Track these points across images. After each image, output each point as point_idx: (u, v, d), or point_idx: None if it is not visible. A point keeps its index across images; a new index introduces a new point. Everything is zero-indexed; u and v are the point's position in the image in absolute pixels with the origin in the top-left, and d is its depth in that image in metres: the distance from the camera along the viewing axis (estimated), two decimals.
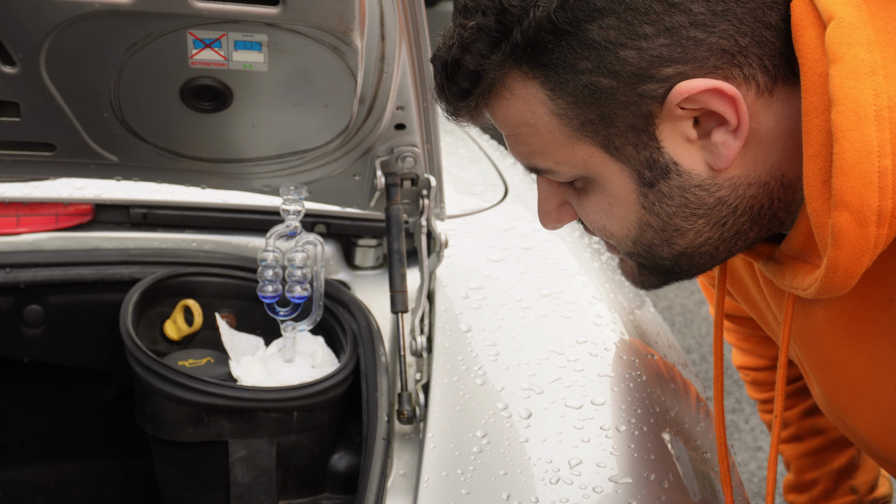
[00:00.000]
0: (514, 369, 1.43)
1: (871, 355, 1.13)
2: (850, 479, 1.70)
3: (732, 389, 3.73)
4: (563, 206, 1.16)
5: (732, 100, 1.00)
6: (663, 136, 1.03)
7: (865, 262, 0.98)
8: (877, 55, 0.95)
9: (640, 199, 1.07)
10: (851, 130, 0.94)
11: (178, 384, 1.47)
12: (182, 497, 1.58)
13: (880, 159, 0.94)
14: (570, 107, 1.03)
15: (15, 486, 1.96)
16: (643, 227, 1.09)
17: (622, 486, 1.25)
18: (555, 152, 1.07)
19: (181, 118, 1.47)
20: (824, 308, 1.14)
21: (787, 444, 1.73)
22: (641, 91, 1.00)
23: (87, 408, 1.94)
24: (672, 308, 4.32)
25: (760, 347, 1.68)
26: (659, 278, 1.17)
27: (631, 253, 1.14)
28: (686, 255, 1.11)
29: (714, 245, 1.10)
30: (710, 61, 0.99)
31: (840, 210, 0.96)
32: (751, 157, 1.04)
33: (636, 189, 1.07)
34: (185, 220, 1.78)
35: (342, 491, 1.55)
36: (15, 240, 1.73)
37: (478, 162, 2.17)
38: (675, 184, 1.05)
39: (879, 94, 0.94)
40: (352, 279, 1.78)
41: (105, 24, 1.30)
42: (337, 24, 1.29)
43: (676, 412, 1.44)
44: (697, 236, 1.09)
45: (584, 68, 1.00)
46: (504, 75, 1.04)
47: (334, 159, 1.58)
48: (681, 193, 1.05)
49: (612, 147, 1.05)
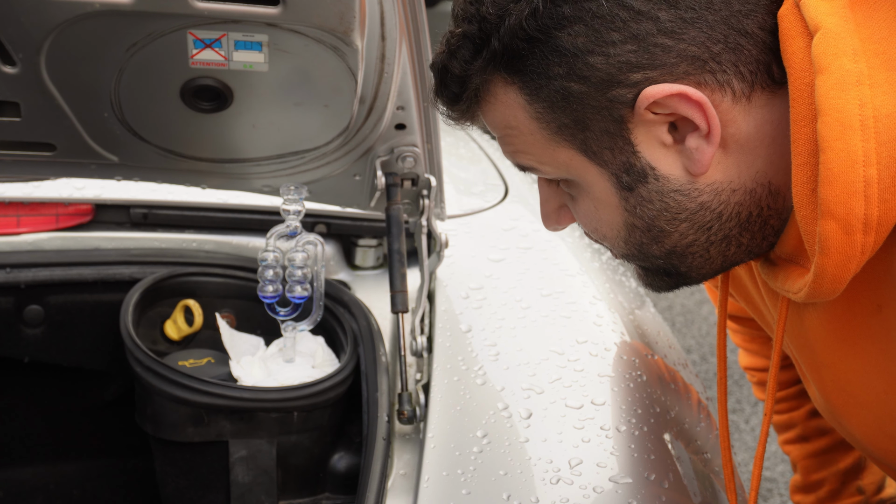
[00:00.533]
0: (514, 369, 1.43)
1: (861, 360, 1.13)
2: (857, 480, 1.70)
3: (733, 390, 3.73)
4: (562, 209, 1.19)
5: (699, 104, 1.01)
6: (638, 141, 1.04)
7: (853, 269, 0.99)
8: (862, 65, 0.96)
9: (621, 203, 1.09)
10: (837, 140, 0.95)
11: (178, 384, 1.47)
12: (182, 497, 1.58)
13: (865, 169, 0.95)
14: (546, 111, 1.05)
15: (15, 486, 1.96)
16: (630, 228, 1.11)
17: (622, 486, 1.25)
18: (538, 153, 1.10)
19: (181, 118, 1.47)
20: (817, 312, 1.15)
21: (793, 444, 1.73)
22: (611, 96, 1.02)
23: (88, 408, 1.94)
24: (672, 308, 4.32)
25: (766, 348, 1.69)
26: (664, 280, 1.18)
27: (626, 255, 1.16)
28: (676, 254, 1.12)
29: (703, 247, 1.11)
30: (679, 67, 1.00)
31: (827, 219, 0.96)
32: (733, 162, 1.05)
33: (616, 192, 1.08)
34: (185, 220, 1.78)
35: (342, 491, 1.55)
36: (15, 240, 1.73)
37: (478, 162, 2.18)
38: (654, 188, 1.06)
39: (865, 105, 0.95)
40: (352, 279, 1.78)
41: (105, 24, 1.30)
42: (337, 24, 1.29)
43: (677, 412, 1.44)
44: (682, 238, 1.10)
45: (555, 74, 1.02)
46: (487, 80, 1.07)
47: (335, 159, 1.58)
48: (660, 198, 1.07)
49: (590, 151, 1.06)
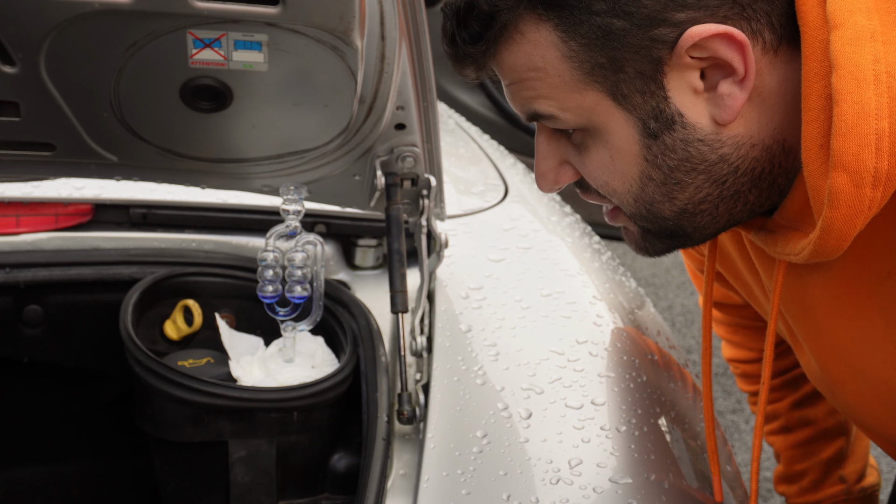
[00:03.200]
0: (514, 369, 1.43)
1: (863, 327, 1.15)
2: (839, 469, 1.71)
3: (732, 389, 3.73)
4: (563, 167, 1.17)
5: (741, 47, 1.02)
6: (671, 86, 1.05)
7: (859, 225, 1.01)
8: (876, 22, 0.98)
9: (642, 151, 1.08)
10: (851, 93, 0.97)
11: (177, 384, 1.46)
12: (182, 497, 1.58)
13: (878, 122, 0.97)
14: (582, 49, 1.04)
15: (15, 486, 1.96)
16: (645, 180, 1.10)
17: (622, 486, 1.25)
18: (561, 98, 1.09)
19: (181, 118, 1.47)
20: (822, 276, 1.16)
21: (776, 435, 1.75)
22: (654, 35, 1.02)
23: (87, 408, 1.94)
24: (672, 308, 4.32)
25: (750, 340, 1.70)
26: (663, 243, 1.18)
27: (633, 214, 1.15)
28: (687, 213, 1.12)
29: (713, 203, 1.11)
30: (721, 10, 1.01)
31: (838, 171, 0.98)
32: (755, 116, 1.06)
33: (640, 140, 1.08)
34: (184, 219, 1.78)
35: (342, 491, 1.55)
36: (15, 240, 1.73)
37: (478, 162, 2.17)
38: (679, 136, 1.06)
39: (878, 60, 0.97)
40: (352, 279, 1.78)
41: (105, 24, 1.30)
42: (337, 23, 1.29)
43: (677, 413, 1.44)
44: (697, 192, 1.10)
45: (598, 9, 1.02)
46: (517, 17, 1.05)
47: (334, 159, 1.58)
48: (684, 147, 1.07)
49: (620, 94, 1.06)
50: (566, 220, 1.92)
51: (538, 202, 1.98)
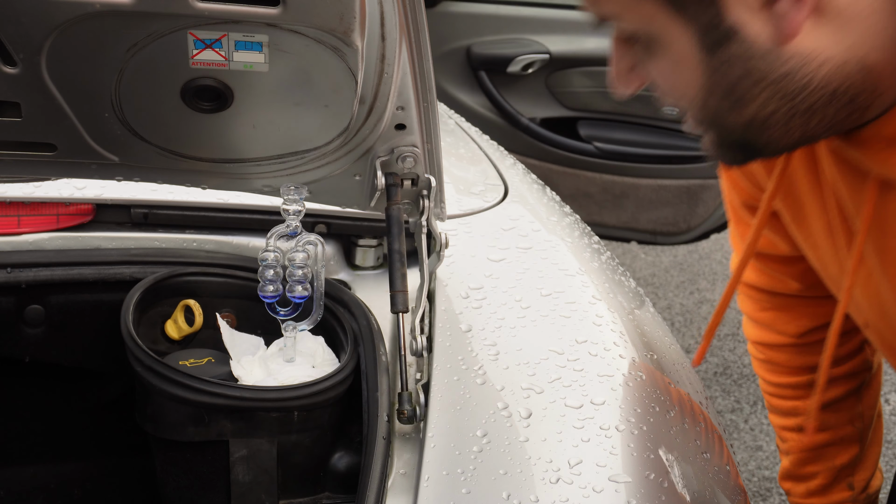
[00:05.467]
0: (514, 369, 1.44)
1: None
2: (850, 477, 1.70)
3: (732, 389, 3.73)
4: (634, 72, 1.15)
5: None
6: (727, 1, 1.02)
7: None
8: None
9: (702, 64, 1.06)
10: None
11: (178, 384, 1.47)
12: (183, 497, 1.58)
13: None
14: None
15: (15, 486, 1.96)
16: (707, 92, 1.08)
17: (622, 485, 1.25)
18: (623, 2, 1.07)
19: (182, 118, 1.47)
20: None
21: (793, 432, 1.72)
22: None
23: (88, 407, 1.94)
24: (672, 308, 4.32)
25: (780, 322, 1.65)
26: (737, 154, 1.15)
27: (702, 121, 1.13)
28: (755, 125, 1.09)
29: (784, 118, 1.08)
30: None
31: None
32: (826, 32, 1.02)
33: (698, 52, 1.06)
34: (185, 219, 1.79)
35: (342, 490, 1.55)
36: (16, 240, 1.73)
37: (478, 162, 2.18)
38: (737, 51, 1.04)
39: None
40: (352, 279, 1.79)
41: (106, 25, 1.30)
42: (337, 24, 1.30)
43: (676, 412, 1.44)
44: (763, 106, 1.07)
45: None
46: None
47: (335, 159, 1.58)
48: (742, 63, 1.04)
49: (678, 2, 1.03)
50: (566, 220, 1.93)
51: (538, 202, 1.98)
